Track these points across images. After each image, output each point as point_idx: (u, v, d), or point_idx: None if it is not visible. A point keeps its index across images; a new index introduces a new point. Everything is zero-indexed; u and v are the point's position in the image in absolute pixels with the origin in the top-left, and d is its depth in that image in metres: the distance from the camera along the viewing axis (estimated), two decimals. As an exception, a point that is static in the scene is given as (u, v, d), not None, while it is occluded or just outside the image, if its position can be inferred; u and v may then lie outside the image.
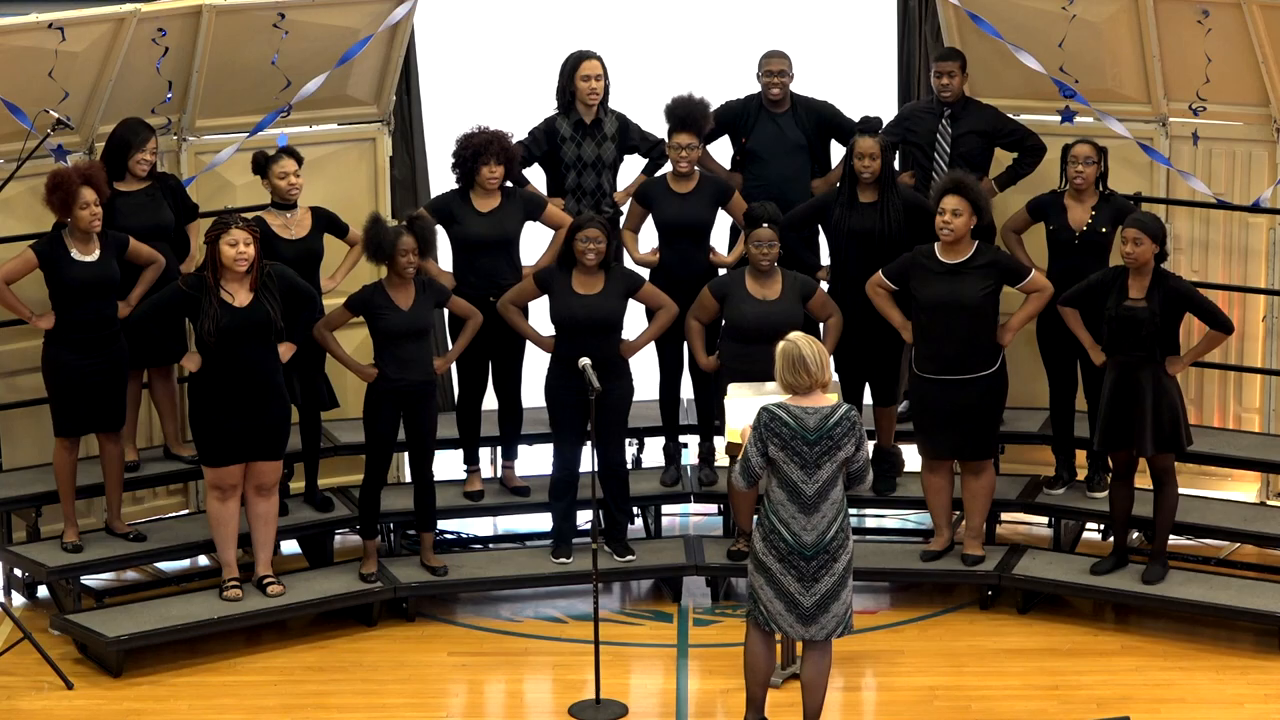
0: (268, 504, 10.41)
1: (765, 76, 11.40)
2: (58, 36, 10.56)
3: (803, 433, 8.82)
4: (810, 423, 8.83)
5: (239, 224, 10.13)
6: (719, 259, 11.24)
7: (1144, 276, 10.22)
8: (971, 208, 10.40)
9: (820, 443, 8.82)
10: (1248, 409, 11.79)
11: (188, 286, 10.15)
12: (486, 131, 10.94)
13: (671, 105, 11.12)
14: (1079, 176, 10.86)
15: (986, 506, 10.83)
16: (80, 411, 10.52)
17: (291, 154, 10.84)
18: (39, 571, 10.64)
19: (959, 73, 11.36)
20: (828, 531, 8.87)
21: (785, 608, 8.94)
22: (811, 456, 8.82)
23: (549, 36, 12.35)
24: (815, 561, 8.87)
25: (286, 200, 10.82)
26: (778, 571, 8.92)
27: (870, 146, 10.91)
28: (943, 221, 10.40)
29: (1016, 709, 9.76)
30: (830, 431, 8.83)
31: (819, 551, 8.87)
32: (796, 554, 8.87)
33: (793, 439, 8.82)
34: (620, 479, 10.89)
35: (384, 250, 10.39)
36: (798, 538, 8.86)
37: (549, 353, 10.73)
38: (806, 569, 8.88)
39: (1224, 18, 11.09)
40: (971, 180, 10.51)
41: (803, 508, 8.85)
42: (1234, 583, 10.64)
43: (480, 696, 10.29)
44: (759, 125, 11.45)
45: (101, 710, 9.82)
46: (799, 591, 8.91)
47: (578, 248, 10.60)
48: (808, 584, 8.90)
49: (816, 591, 8.91)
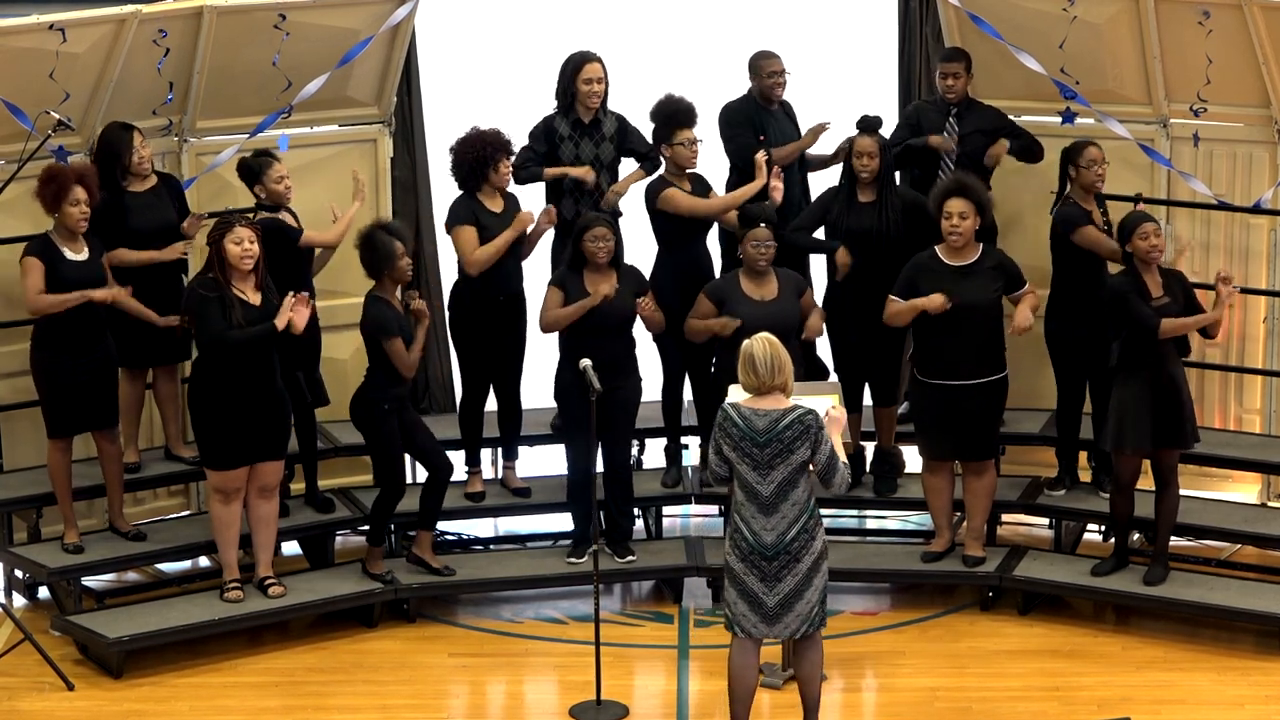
0: (270, 506, 10.42)
1: (769, 77, 11.40)
2: (59, 38, 10.56)
3: (751, 434, 8.80)
4: (759, 424, 8.80)
5: (241, 222, 10.13)
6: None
7: (1155, 274, 10.25)
8: (976, 209, 10.40)
9: (770, 445, 8.78)
10: (1248, 410, 11.79)
11: (206, 290, 10.12)
12: (489, 131, 10.94)
13: (665, 104, 11.11)
14: (1099, 178, 10.86)
15: (988, 507, 10.83)
16: (72, 411, 10.52)
17: (275, 157, 10.86)
18: (40, 572, 10.64)
19: (964, 73, 11.36)
20: (788, 533, 8.84)
21: (749, 608, 8.93)
22: (763, 458, 8.80)
23: (549, 37, 12.34)
24: (776, 562, 8.86)
25: (284, 203, 10.83)
26: (741, 571, 8.92)
27: (869, 145, 10.91)
28: (950, 226, 10.38)
29: (1017, 710, 9.76)
30: (779, 434, 8.78)
31: (779, 552, 8.85)
32: (757, 554, 8.86)
33: (742, 440, 8.81)
34: (624, 480, 10.88)
35: (388, 260, 10.37)
36: (758, 537, 8.86)
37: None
38: (768, 569, 8.87)
39: (1225, 19, 11.09)
40: (974, 181, 10.51)
41: (761, 508, 8.84)
42: (1234, 584, 10.64)
43: (481, 697, 10.29)
44: (770, 124, 11.46)
45: (102, 711, 9.82)
46: (762, 591, 8.90)
47: (587, 248, 10.59)
48: (770, 584, 8.89)
49: (779, 591, 8.89)
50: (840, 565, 10.90)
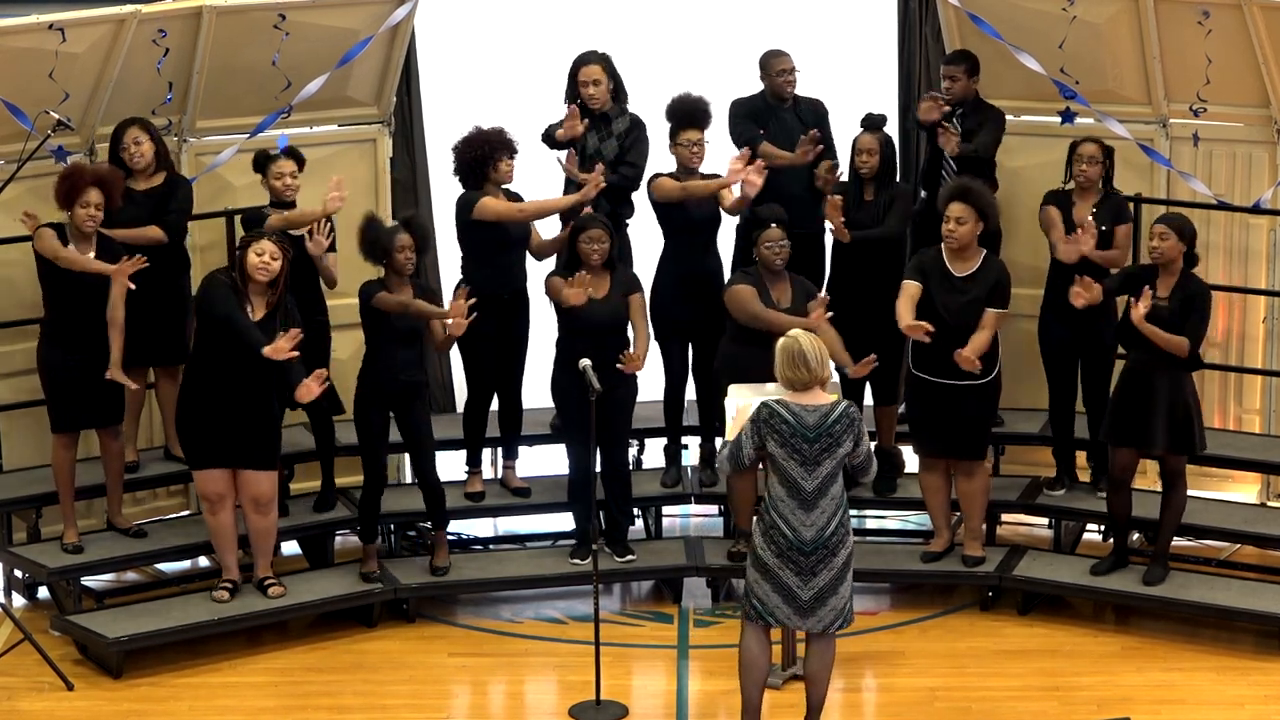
0: (264, 519, 10.36)
1: (779, 75, 11.41)
2: (58, 37, 10.56)
3: (802, 430, 8.83)
4: (810, 420, 8.84)
5: (272, 238, 10.11)
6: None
7: (1171, 276, 10.24)
8: (977, 214, 10.39)
9: (820, 440, 8.83)
10: (1248, 410, 11.79)
11: (224, 277, 10.13)
12: (491, 130, 10.94)
13: (675, 103, 11.13)
14: (1082, 174, 10.88)
15: (983, 508, 10.82)
16: (75, 407, 10.52)
17: (293, 155, 10.84)
18: (39, 572, 10.64)
19: (963, 76, 11.34)
20: (827, 527, 8.88)
21: (782, 600, 8.96)
22: (811, 454, 8.84)
23: (549, 37, 12.34)
24: (814, 556, 8.89)
25: (282, 200, 10.81)
26: (775, 567, 8.93)
27: (869, 143, 10.94)
28: (947, 230, 10.39)
29: (1017, 710, 9.76)
30: (830, 429, 8.84)
31: (818, 547, 8.88)
32: (795, 549, 8.88)
33: (792, 436, 8.84)
34: (623, 480, 10.88)
35: (381, 248, 10.36)
36: (797, 533, 8.88)
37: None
38: (805, 564, 8.90)
39: (1224, 19, 11.09)
40: (978, 186, 10.50)
41: (802, 504, 8.86)
42: (1234, 584, 10.64)
43: (481, 697, 10.29)
44: (773, 121, 11.46)
45: (102, 711, 9.82)
46: (797, 585, 8.92)
47: (581, 249, 10.59)
48: (805, 578, 8.92)
49: (815, 585, 8.92)
50: (840, 565, 10.95)
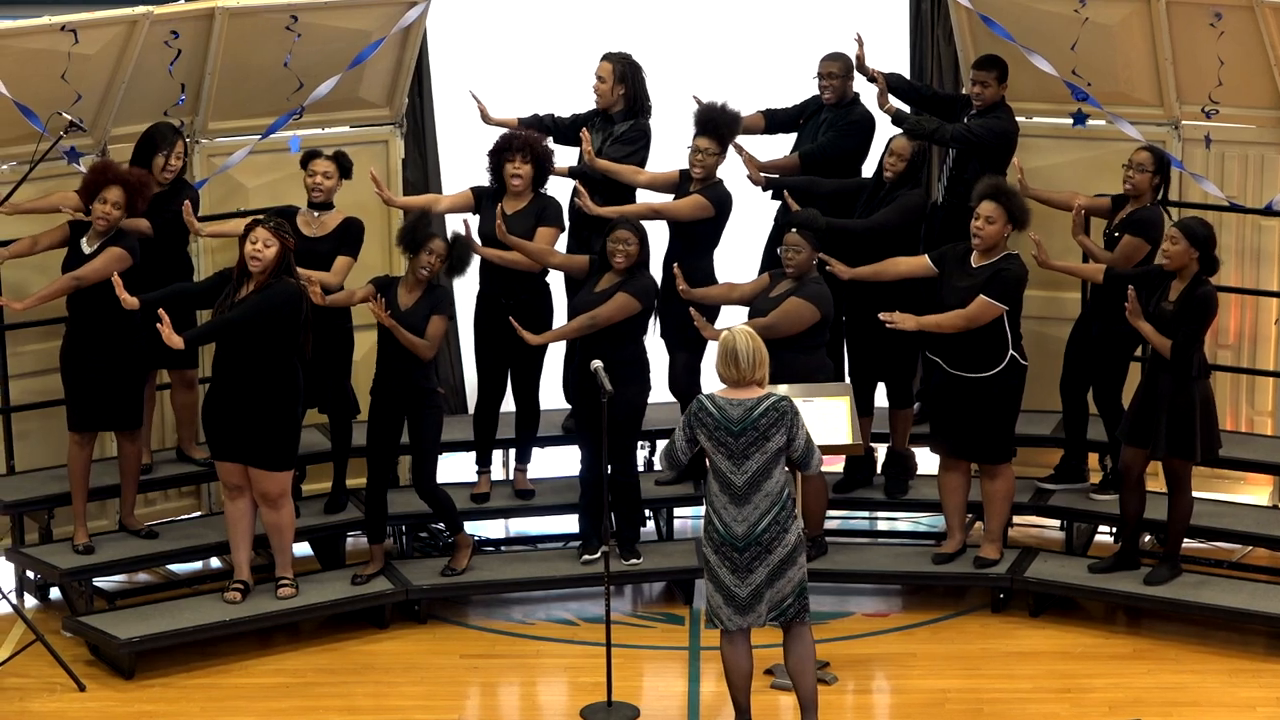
0: (275, 514, 10.36)
1: (818, 78, 11.52)
2: (70, 39, 10.57)
3: (726, 423, 8.83)
4: (734, 414, 8.83)
5: (267, 225, 10.10)
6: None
7: (1182, 280, 10.23)
8: (1007, 216, 10.38)
9: (745, 434, 8.81)
10: (1260, 412, 11.78)
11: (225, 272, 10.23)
12: (500, 136, 10.97)
13: (697, 109, 11.16)
14: (1129, 180, 10.87)
15: (1004, 511, 10.81)
16: (93, 408, 10.53)
17: (335, 159, 10.87)
18: (51, 573, 10.65)
19: (993, 82, 11.27)
20: (759, 523, 8.87)
21: (723, 600, 8.98)
22: (738, 448, 8.83)
23: (562, 39, 12.36)
24: (748, 553, 8.88)
25: (312, 199, 10.84)
26: (715, 563, 8.96)
27: (902, 147, 10.99)
28: (975, 227, 10.41)
29: (1028, 712, 9.75)
30: (755, 423, 8.81)
31: (750, 543, 8.87)
32: (728, 544, 8.89)
33: (716, 429, 8.84)
34: (622, 485, 10.82)
35: (416, 240, 10.40)
36: (729, 528, 8.89)
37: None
38: (740, 560, 8.90)
39: (1236, 20, 11.08)
40: (1011, 189, 10.51)
41: (734, 499, 8.86)
42: (1246, 586, 10.63)
43: (492, 699, 10.29)
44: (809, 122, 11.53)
45: (113, 712, 9.83)
46: (734, 583, 8.94)
47: (609, 247, 10.60)
48: (741, 575, 8.92)
49: (751, 582, 8.93)
50: (851, 567, 10.94)
